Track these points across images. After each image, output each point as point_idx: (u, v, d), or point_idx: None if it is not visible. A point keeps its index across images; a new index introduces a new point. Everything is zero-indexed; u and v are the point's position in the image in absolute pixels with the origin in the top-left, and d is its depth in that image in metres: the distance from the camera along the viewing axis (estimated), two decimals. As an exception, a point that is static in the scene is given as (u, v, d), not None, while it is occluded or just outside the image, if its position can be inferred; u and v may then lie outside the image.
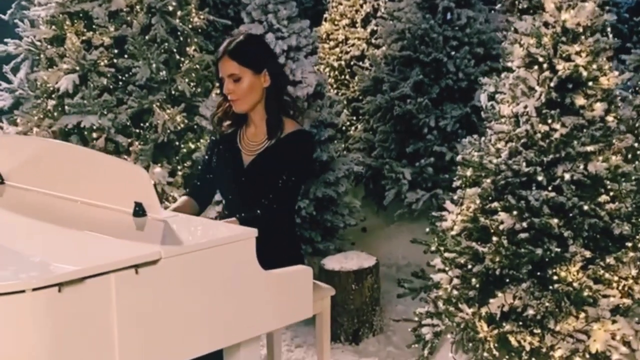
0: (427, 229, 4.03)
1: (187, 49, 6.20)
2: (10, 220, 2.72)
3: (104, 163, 2.74)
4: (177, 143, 6.05)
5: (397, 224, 6.70)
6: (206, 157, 3.33)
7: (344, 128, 7.16)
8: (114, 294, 2.11)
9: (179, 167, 6.02)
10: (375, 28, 7.55)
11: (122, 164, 2.82)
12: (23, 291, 1.96)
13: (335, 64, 7.87)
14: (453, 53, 6.37)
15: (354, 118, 7.57)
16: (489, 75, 6.37)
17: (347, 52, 7.82)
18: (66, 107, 5.61)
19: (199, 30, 6.22)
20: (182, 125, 5.91)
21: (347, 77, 7.78)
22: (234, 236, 2.48)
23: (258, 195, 3.02)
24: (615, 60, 5.11)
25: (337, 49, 7.92)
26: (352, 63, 7.70)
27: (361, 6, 7.80)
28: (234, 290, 2.46)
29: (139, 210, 2.55)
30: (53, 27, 5.70)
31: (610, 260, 3.48)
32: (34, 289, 1.97)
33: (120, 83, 5.76)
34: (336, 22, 7.99)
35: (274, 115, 3.08)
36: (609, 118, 3.54)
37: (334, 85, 7.80)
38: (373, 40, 7.59)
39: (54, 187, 2.84)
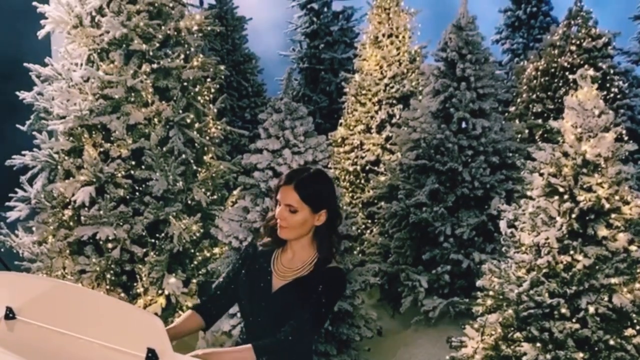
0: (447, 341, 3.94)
1: (204, 157, 6.24)
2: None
3: (118, 308, 2.68)
4: (192, 251, 6.02)
5: (413, 329, 6.58)
6: (237, 265, 3.17)
7: (359, 231, 7.11)
8: None
9: (193, 276, 5.98)
10: (390, 134, 7.60)
11: (136, 310, 2.76)
12: None
13: (351, 169, 7.90)
14: (469, 161, 6.36)
15: (369, 221, 7.53)
16: (505, 183, 6.41)
17: (362, 157, 7.86)
18: (82, 218, 5.61)
19: (217, 141, 6.26)
20: (197, 235, 5.90)
21: (362, 181, 7.79)
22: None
23: (281, 322, 2.91)
24: (631, 163, 5.10)
25: (353, 154, 7.96)
26: (367, 168, 7.73)
27: (376, 112, 7.88)
28: None
29: (152, 357, 2.50)
30: (71, 138, 5.74)
31: (638, 395, 3.36)
32: None
33: (137, 194, 5.76)
34: (352, 128, 8.06)
35: (324, 252, 3.00)
36: (633, 248, 3.47)
37: (349, 189, 7.80)
38: (388, 146, 7.63)
39: (66, 326, 2.77)
